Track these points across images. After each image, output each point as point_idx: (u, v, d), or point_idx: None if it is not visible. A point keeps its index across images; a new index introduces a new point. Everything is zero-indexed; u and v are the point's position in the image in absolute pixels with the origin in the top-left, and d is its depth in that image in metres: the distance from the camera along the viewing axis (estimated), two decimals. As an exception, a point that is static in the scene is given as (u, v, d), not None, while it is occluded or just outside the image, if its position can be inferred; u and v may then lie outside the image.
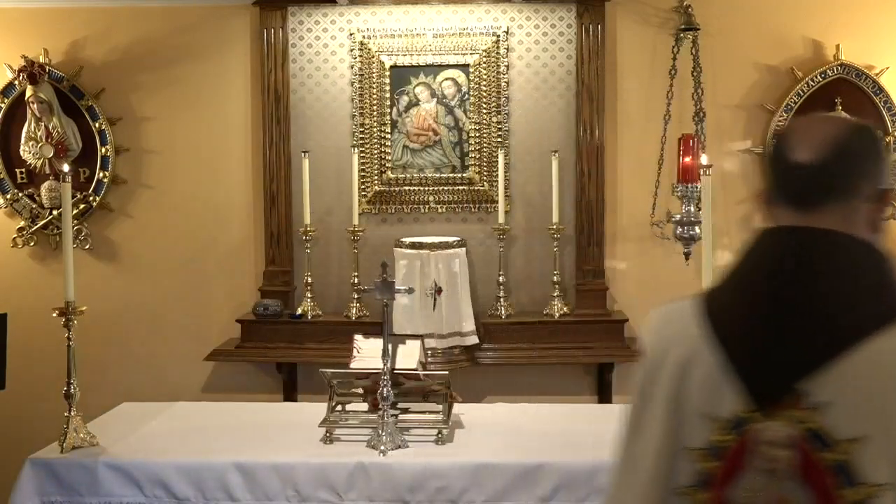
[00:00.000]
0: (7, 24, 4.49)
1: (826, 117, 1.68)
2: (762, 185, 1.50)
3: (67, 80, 4.45)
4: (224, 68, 4.51)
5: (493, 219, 4.38)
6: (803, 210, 1.40)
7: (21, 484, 2.44)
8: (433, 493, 2.38)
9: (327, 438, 2.55)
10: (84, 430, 2.54)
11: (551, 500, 2.38)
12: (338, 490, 2.39)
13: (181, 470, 2.42)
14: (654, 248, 4.46)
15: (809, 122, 1.53)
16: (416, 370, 2.70)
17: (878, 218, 1.42)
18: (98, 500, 2.43)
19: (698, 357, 1.41)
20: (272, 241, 4.48)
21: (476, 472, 2.38)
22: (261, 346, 4.32)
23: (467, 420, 2.77)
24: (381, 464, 2.40)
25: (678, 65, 4.32)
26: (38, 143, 4.41)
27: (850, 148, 1.40)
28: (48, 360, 4.18)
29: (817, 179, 1.39)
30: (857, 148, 1.41)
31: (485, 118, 4.43)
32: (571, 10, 4.38)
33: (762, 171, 1.53)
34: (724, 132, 4.44)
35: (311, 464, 2.42)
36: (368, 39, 4.43)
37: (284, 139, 4.45)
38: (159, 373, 4.54)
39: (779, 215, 1.43)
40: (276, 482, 2.40)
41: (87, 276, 4.41)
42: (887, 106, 4.35)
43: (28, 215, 4.54)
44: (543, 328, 4.29)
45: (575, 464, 2.40)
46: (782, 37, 4.39)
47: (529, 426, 2.72)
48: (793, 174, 1.41)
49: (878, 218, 1.42)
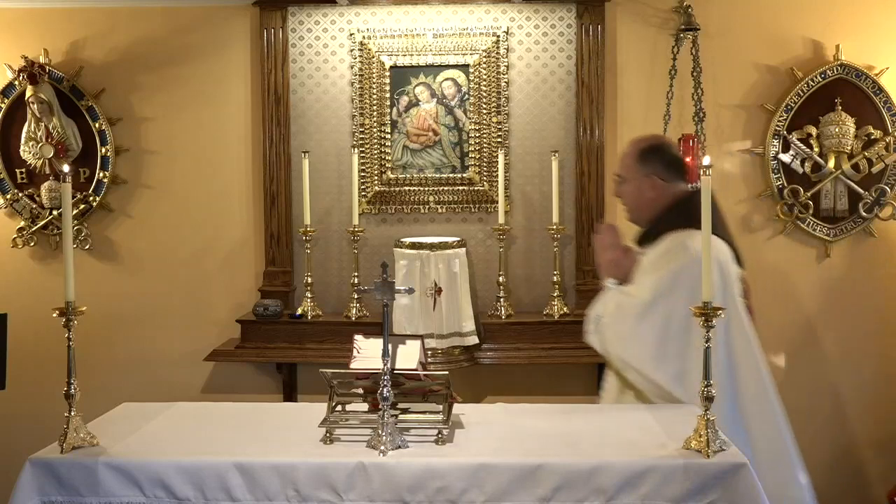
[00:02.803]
0: (7, 24, 4.49)
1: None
2: (667, 173, 3.27)
3: (67, 80, 4.45)
4: (224, 68, 4.51)
5: (493, 219, 4.38)
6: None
7: (21, 484, 2.44)
8: (433, 493, 2.38)
9: (327, 438, 2.55)
10: (84, 430, 2.54)
11: (551, 500, 2.37)
12: (338, 490, 2.39)
13: (181, 470, 2.42)
14: (654, 248, 4.45)
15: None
16: (416, 370, 2.69)
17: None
18: (98, 500, 2.42)
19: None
20: (272, 241, 4.48)
21: (476, 472, 2.38)
22: (261, 347, 4.32)
23: (467, 420, 2.77)
24: (381, 464, 2.40)
25: (678, 65, 4.33)
26: (38, 143, 4.42)
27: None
28: (48, 360, 4.19)
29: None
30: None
31: (485, 118, 4.43)
32: (571, 10, 4.39)
33: (674, 165, 3.31)
34: (724, 132, 4.44)
35: (311, 464, 2.41)
36: (368, 39, 4.43)
37: (284, 139, 4.46)
38: (159, 373, 4.54)
39: (678, 185, 3.28)
40: (276, 482, 2.40)
41: (87, 276, 4.41)
42: (887, 106, 4.36)
43: (28, 215, 4.54)
44: (543, 328, 4.29)
45: (575, 464, 2.39)
46: (782, 37, 4.40)
47: (529, 426, 2.72)
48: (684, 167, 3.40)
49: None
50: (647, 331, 3.06)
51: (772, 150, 4.40)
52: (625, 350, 3.12)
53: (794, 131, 4.39)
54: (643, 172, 3.31)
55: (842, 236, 4.46)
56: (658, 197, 3.32)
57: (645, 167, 3.31)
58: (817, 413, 4.52)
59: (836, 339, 4.51)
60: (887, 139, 4.37)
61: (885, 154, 4.38)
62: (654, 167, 3.32)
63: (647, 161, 3.32)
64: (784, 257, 4.48)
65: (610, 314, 3.20)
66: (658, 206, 3.32)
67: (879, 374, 4.51)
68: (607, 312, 3.21)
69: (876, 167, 4.40)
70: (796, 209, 4.41)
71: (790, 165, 4.40)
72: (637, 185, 3.32)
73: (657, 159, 3.34)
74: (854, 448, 4.54)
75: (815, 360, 4.52)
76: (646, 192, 3.32)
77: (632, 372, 3.11)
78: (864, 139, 4.38)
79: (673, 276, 3.08)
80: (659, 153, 3.38)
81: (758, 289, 4.46)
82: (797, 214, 4.42)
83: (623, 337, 3.12)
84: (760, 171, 4.46)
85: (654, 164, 3.32)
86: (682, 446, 2.47)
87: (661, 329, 3.05)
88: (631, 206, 3.39)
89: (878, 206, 4.40)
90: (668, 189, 3.30)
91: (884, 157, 4.38)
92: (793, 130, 4.39)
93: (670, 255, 3.15)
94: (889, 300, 4.49)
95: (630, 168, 3.33)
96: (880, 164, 4.39)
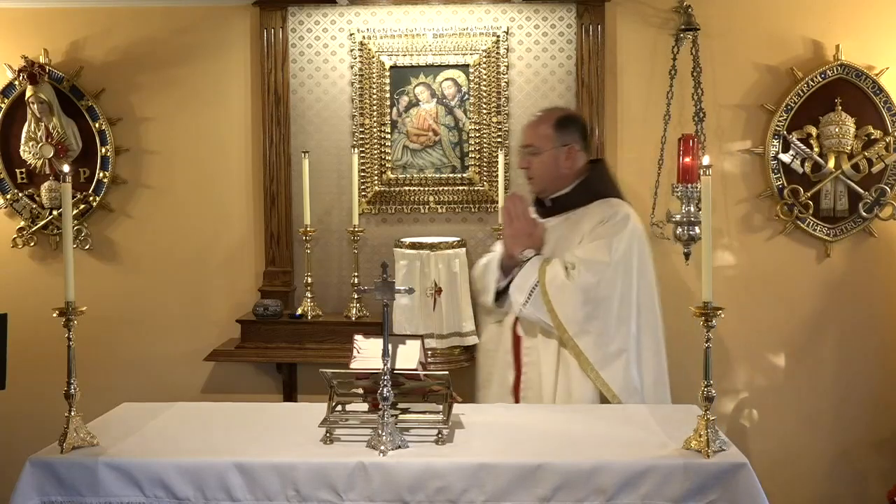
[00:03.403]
0: (7, 24, 4.49)
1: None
2: (582, 143, 3.44)
3: (67, 80, 4.45)
4: (224, 68, 4.51)
5: (493, 219, 4.38)
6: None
7: (21, 484, 2.44)
8: (433, 493, 2.38)
9: (327, 438, 2.55)
10: (84, 430, 2.54)
11: (551, 500, 2.37)
12: (338, 490, 2.39)
13: (181, 470, 2.42)
14: (653, 248, 4.44)
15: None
16: (416, 370, 2.69)
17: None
18: (98, 500, 2.42)
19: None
20: (272, 241, 4.49)
21: (476, 472, 2.38)
22: (261, 347, 4.32)
23: (467, 420, 2.77)
24: (381, 464, 2.40)
25: (678, 65, 4.32)
26: (38, 143, 4.42)
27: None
28: (48, 360, 4.18)
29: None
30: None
31: (485, 118, 4.43)
32: (571, 10, 4.39)
33: (586, 135, 3.51)
34: (724, 132, 4.44)
35: (311, 464, 2.42)
36: (368, 40, 4.43)
37: (284, 139, 4.45)
38: (159, 373, 4.54)
39: (584, 157, 3.43)
40: (276, 482, 2.40)
41: (87, 276, 4.41)
42: (887, 106, 4.35)
43: (28, 215, 4.54)
44: (543, 328, 4.28)
45: (575, 464, 2.39)
46: (782, 37, 4.40)
47: (529, 426, 2.72)
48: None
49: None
50: (611, 290, 3.22)
51: (772, 150, 4.40)
52: (583, 310, 3.20)
53: (794, 131, 4.39)
54: (561, 142, 3.32)
55: (842, 236, 4.46)
56: (573, 166, 3.35)
57: (563, 137, 3.34)
58: (817, 413, 4.53)
59: (836, 339, 4.51)
60: (887, 139, 4.37)
61: (885, 154, 4.38)
62: (573, 136, 3.35)
63: (566, 131, 3.34)
64: (784, 257, 4.48)
65: (554, 282, 3.22)
66: (571, 176, 3.37)
67: (879, 374, 4.51)
68: (548, 281, 3.23)
69: (876, 167, 4.39)
70: (796, 209, 4.41)
71: (790, 165, 4.40)
72: (553, 155, 3.34)
73: (575, 129, 3.39)
74: (854, 448, 4.54)
75: (815, 360, 4.52)
76: (562, 163, 3.35)
77: (589, 336, 3.15)
78: (864, 139, 4.38)
79: (626, 244, 3.29)
80: (575, 123, 3.43)
81: (758, 289, 4.49)
82: (797, 214, 4.42)
83: (585, 299, 3.21)
84: (760, 171, 4.46)
85: (573, 134, 3.36)
86: (682, 446, 2.47)
87: (623, 290, 3.24)
88: (542, 177, 3.40)
89: (878, 206, 4.40)
90: (582, 159, 3.34)
91: (884, 157, 4.38)
92: (793, 130, 4.39)
93: (613, 225, 3.29)
94: (889, 300, 4.49)
95: (546, 138, 3.34)
96: (880, 164, 4.39)
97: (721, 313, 2.41)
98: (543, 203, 3.51)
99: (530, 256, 3.33)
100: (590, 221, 3.33)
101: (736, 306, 4.17)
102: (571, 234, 3.36)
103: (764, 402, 4.53)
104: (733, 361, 4.48)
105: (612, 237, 3.27)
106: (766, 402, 4.53)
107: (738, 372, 4.51)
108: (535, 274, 3.28)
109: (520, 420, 2.81)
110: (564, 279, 3.23)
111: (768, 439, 4.49)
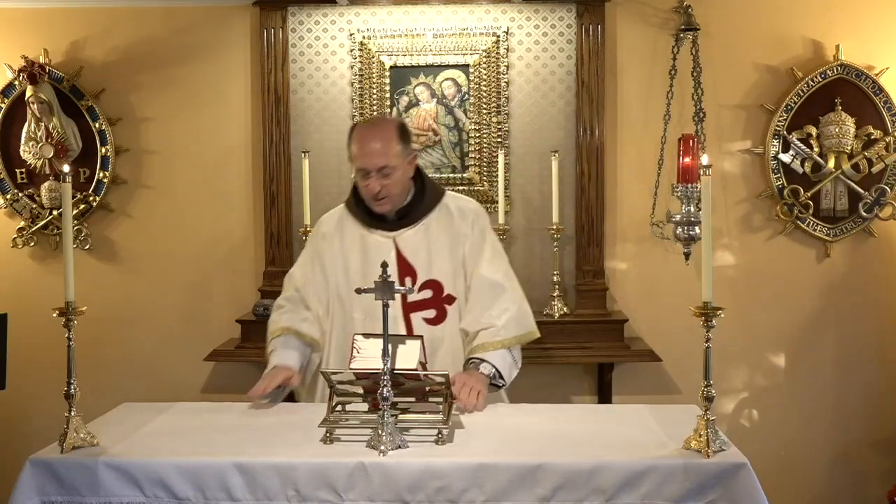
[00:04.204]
0: (7, 24, 4.49)
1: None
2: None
3: (67, 80, 4.45)
4: (224, 68, 4.51)
5: (493, 219, 4.37)
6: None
7: (21, 484, 2.44)
8: (433, 493, 2.38)
9: (327, 438, 2.55)
10: (84, 430, 2.54)
11: (551, 500, 2.37)
12: (338, 490, 2.39)
13: (181, 470, 2.42)
14: (654, 248, 4.46)
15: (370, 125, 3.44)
16: (416, 370, 2.69)
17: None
18: (98, 500, 2.42)
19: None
20: (272, 241, 4.48)
21: (476, 472, 2.38)
22: (261, 347, 4.27)
23: (467, 420, 2.77)
24: (381, 464, 2.40)
25: (678, 65, 4.33)
26: (38, 143, 4.42)
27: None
28: (48, 360, 4.18)
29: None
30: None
31: (485, 118, 4.43)
32: (571, 10, 4.39)
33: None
34: (724, 132, 4.44)
35: (311, 464, 2.41)
36: (368, 40, 4.43)
37: (284, 139, 4.45)
38: (159, 373, 4.54)
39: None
40: (276, 482, 2.40)
41: (87, 276, 4.41)
42: (887, 106, 4.36)
43: (28, 215, 4.54)
44: (543, 328, 4.24)
45: (575, 464, 2.39)
46: (782, 37, 4.40)
47: (529, 426, 2.72)
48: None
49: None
50: (514, 282, 3.33)
51: (772, 150, 4.40)
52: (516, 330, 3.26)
53: (794, 131, 4.39)
54: (407, 153, 3.18)
55: (842, 236, 4.46)
56: (408, 173, 3.22)
57: (407, 147, 3.18)
58: (817, 413, 4.53)
59: (836, 339, 4.51)
60: (887, 139, 4.37)
61: (885, 154, 4.38)
62: (411, 144, 3.23)
63: (407, 138, 3.20)
64: (784, 257, 4.49)
65: (506, 364, 3.16)
66: (409, 183, 3.24)
67: (879, 374, 4.51)
68: (506, 371, 3.16)
69: (876, 167, 4.40)
70: (796, 209, 4.41)
71: (790, 165, 4.41)
72: (404, 168, 3.17)
73: (409, 135, 3.25)
74: (854, 448, 4.54)
75: (815, 360, 4.52)
76: (408, 173, 3.21)
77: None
78: (864, 139, 4.38)
79: (494, 236, 3.36)
80: (407, 129, 3.27)
81: (758, 289, 4.49)
82: (797, 214, 4.42)
83: (517, 322, 3.25)
84: (760, 171, 4.46)
85: (410, 142, 3.23)
86: (682, 446, 2.47)
87: (508, 268, 3.35)
88: (395, 195, 3.18)
89: (878, 206, 4.40)
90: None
91: (884, 157, 4.38)
92: (793, 130, 4.39)
93: (482, 231, 3.29)
94: (889, 300, 4.49)
95: (398, 155, 3.13)
96: (880, 164, 4.39)
97: (721, 313, 2.40)
98: (384, 218, 3.25)
99: (488, 373, 3.08)
100: (461, 222, 3.23)
101: (736, 306, 4.18)
102: (443, 238, 3.25)
103: (764, 402, 4.53)
104: (733, 361, 4.48)
105: (494, 244, 3.32)
106: (766, 402, 4.53)
107: (738, 372, 4.51)
108: (505, 380, 3.16)
109: (520, 420, 2.81)
110: (506, 353, 3.16)
111: (768, 439, 4.49)
